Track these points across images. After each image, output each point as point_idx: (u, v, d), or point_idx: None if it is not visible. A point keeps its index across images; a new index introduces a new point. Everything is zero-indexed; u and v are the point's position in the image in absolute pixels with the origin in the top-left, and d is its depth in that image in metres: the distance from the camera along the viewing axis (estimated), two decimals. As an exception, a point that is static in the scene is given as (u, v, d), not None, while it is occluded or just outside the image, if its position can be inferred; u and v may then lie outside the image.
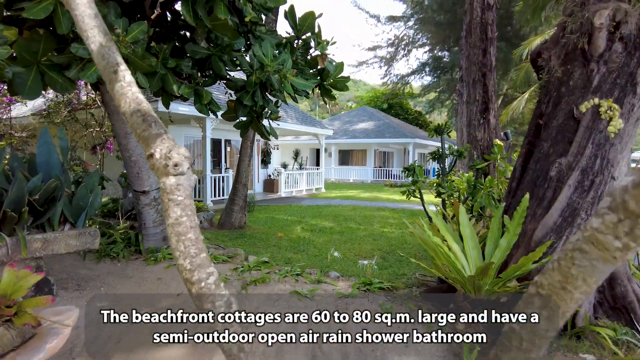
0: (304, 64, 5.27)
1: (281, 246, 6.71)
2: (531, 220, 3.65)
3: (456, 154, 5.80)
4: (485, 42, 8.63)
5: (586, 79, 3.58)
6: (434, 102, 32.36)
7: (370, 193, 17.72)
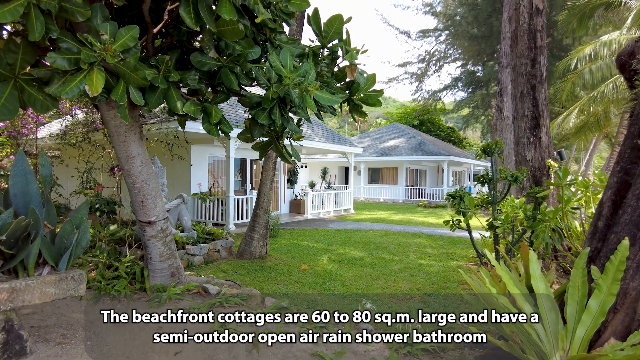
0: (330, 75, 4.54)
1: (304, 282, 5.91)
2: (634, 275, 2.71)
3: (511, 178, 4.88)
4: (535, 51, 7.69)
5: None
6: (468, 118, 31.15)
7: (402, 215, 16.70)
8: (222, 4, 3.10)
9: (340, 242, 9.52)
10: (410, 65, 30.18)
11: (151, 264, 5.19)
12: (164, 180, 7.41)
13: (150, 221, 5.02)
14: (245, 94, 4.15)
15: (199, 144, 11.74)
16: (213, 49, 3.99)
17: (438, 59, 28.85)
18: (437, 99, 30.66)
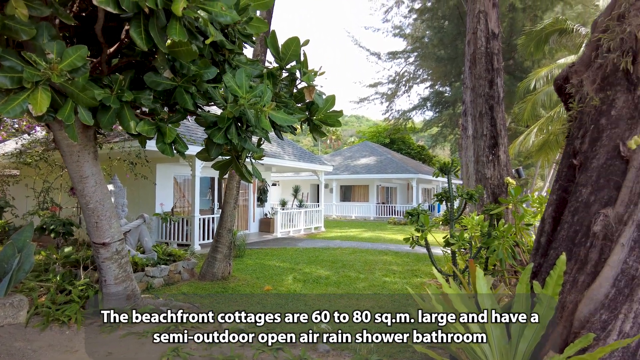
0: (289, 96, 4.60)
1: (266, 304, 5.83)
2: (571, 289, 2.81)
3: (466, 196, 5.01)
4: (492, 73, 8.03)
5: (634, 108, 2.83)
6: (437, 137, 31.97)
7: (372, 232, 16.80)
8: (172, 25, 3.11)
9: (307, 261, 9.47)
10: (381, 86, 30.90)
11: (105, 287, 5.01)
12: (124, 200, 7.22)
13: (104, 242, 4.87)
14: (201, 113, 4.13)
15: (165, 163, 11.55)
16: (168, 69, 3.97)
17: (407, 80, 29.66)
18: (407, 118, 31.39)
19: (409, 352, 4.04)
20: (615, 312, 2.57)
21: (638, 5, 2.96)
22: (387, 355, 3.94)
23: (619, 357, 2.50)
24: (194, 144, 9.22)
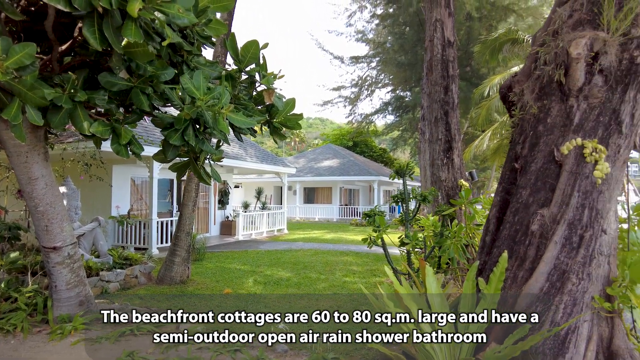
0: (248, 99, 4.63)
1: (226, 306, 5.80)
2: (512, 284, 3.01)
3: (420, 198, 5.21)
4: (447, 80, 8.36)
5: (566, 116, 3.08)
6: (397, 140, 32.66)
7: (335, 233, 16.98)
8: (127, 26, 3.07)
9: (268, 263, 9.47)
10: (344, 89, 31.22)
11: (56, 293, 4.83)
12: (77, 203, 6.97)
13: (55, 247, 4.70)
14: (158, 114, 4.09)
15: (121, 164, 11.21)
16: (124, 70, 3.91)
17: (370, 84, 30.15)
18: (369, 121, 31.88)
19: (365, 350, 4.15)
20: (549, 304, 2.79)
21: (570, 23, 3.22)
22: (344, 353, 4.04)
23: (550, 344, 2.71)
24: (151, 145, 9.02)
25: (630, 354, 2.91)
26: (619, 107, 3.03)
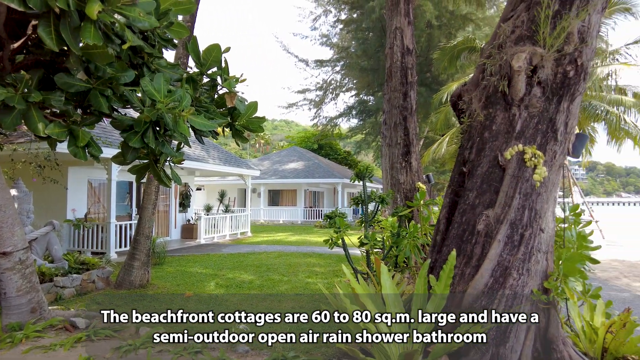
0: (210, 101, 4.65)
1: (187, 309, 5.74)
2: (460, 281, 3.23)
3: (378, 200, 5.41)
4: (406, 86, 8.66)
5: (509, 124, 3.33)
6: (361, 144, 33.18)
7: (299, 236, 17.06)
8: (85, 28, 3.04)
9: (231, 266, 9.44)
10: (309, 92, 31.38)
11: (5, 300, 4.66)
12: (30, 206, 6.71)
13: (5, 252, 4.54)
14: (117, 116, 4.05)
15: (78, 166, 10.83)
16: (82, 71, 3.85)
17: (334, 88, 30.48)
18: (334, 125, 32.21)
19: (324, 347, 4.28)
20: (493, 298, 3.01)
21: (512, 38, 3.49)
22: (304, 351, 4.14)
23: (493, 335, 2.93)
24: (110, 147, 8.78)
25: (563, 341, 3.18)
26: (555, 117, 3.31)
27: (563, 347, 3.19)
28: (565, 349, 3.19)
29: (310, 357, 3.98)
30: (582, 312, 3.82)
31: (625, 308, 3.58)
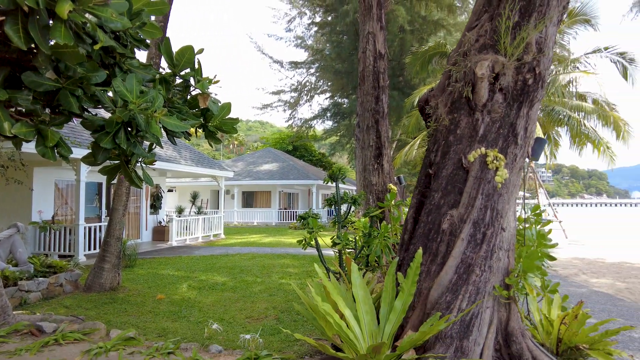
0: (183, 102, 4.66)
1: (158, 312, 5.72)
2: (426, 277, 3.37)
3: (350, 201, 5.53)
4: (378, 90, 8.84)
5: (472, 128, 3.51)
6: (335, 146, 33.40)
7: (273, 237, 17.05)
8: (56, 28, 3.01)
9: (204, 268, 9.37)
10: (284, 94, 31.34)
11: None
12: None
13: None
14: (88, 116, 4.00)
15: (44, 166, 10.51)
16: (51, 70, 3.80)
17: (309, 90, 30.57)
18: (309, 126, 32.30)
19: (297, 346, 4.35)
20: (457, 293, 3.17)
21: (477, 46, 3.67)
22: (276, 350, 4.20)
23: (457, 329, 3.08)
24: (79, 147, 8.58)
25: (522, 333, 3.37)
26: (516, 122, 3.51)
27: (522, 339, 3.37)
28: (524, 340, 3.37)
29: (283, 355, 4.04)
30: (541, 307, 4.04)
31: (578, 301, 3.82)
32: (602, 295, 7.24)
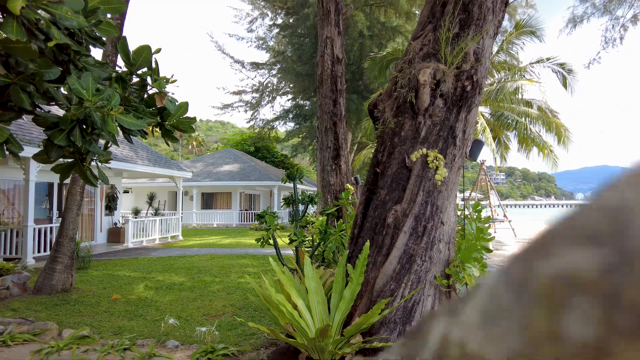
0: (140, 101, 4.70)
1: (114, 311, 5.67)
2: (372, 268, 3.62)
3: (307, 199, 5.73)
4: (336, 93, 9.12)
5: (415, 131, 3.79)
6: (297, 147, 33.58)
7: (233, 239, 16.99)
8: (7, 23, 3.03)
9: (161, 269, 9.28)
10: (245, 94, 31.14)
11: None
12: None
13: None
14: (40, 113, 3.98)
15: (-11, 166, 10.04)
16: (0, 65, 3.76)
17: (271, 91, 30.57)
18: (271, 127, 32.27)
19: (254, 339, 4.49)
20: (400, 282, 3.43)
21: (421, 54, 3.98)
22: (233, 343, 4.32)
23: (400, 315, 3.35)
24: (28, 145, 8.30)
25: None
26: (455, 125, 3.83)
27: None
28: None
29: (239, 348, 4.17)
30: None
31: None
32: (540, 287, 7.83)
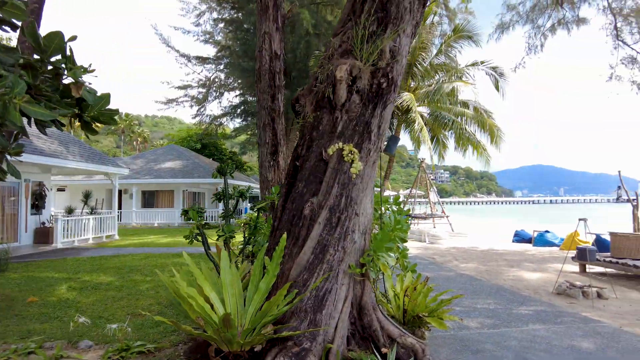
0: (53, 90, 4.46)
1: (27, 314, 5.35)
2: (288, 259, 3.67)
3: (237, 194, 5.70)
4: (274, 89, 9.10)
5: (332, 125, 3.89)
6: (246, 144, 33.14)
7: (172, 238, 16.50)
8: None
9: (90, 269, 8.84)
10: (191, 89, 30.24)
11: None
12: None
13: None
14: None
15: None
16: None
17: (218, 86, 29.89)
18: (218, 124, 31.57)
19: (174, 336, 4.41)
20: (313, 272, 3.52)
21: (340, 51, 4.08)
22: (152, 340, 4.22)
23: (311, 304, 3.43)
24: None
25: (374, 306, 3.84)
26: (370, 120, 3.96)
27: (373, 311, 3.84)
28: (375, 313, 3.84)
29: (157, 345, 4.08)
30: (396, 285, 4.59)
31: (425, 277, 4.43)
32: (466, 277, 8.30)
